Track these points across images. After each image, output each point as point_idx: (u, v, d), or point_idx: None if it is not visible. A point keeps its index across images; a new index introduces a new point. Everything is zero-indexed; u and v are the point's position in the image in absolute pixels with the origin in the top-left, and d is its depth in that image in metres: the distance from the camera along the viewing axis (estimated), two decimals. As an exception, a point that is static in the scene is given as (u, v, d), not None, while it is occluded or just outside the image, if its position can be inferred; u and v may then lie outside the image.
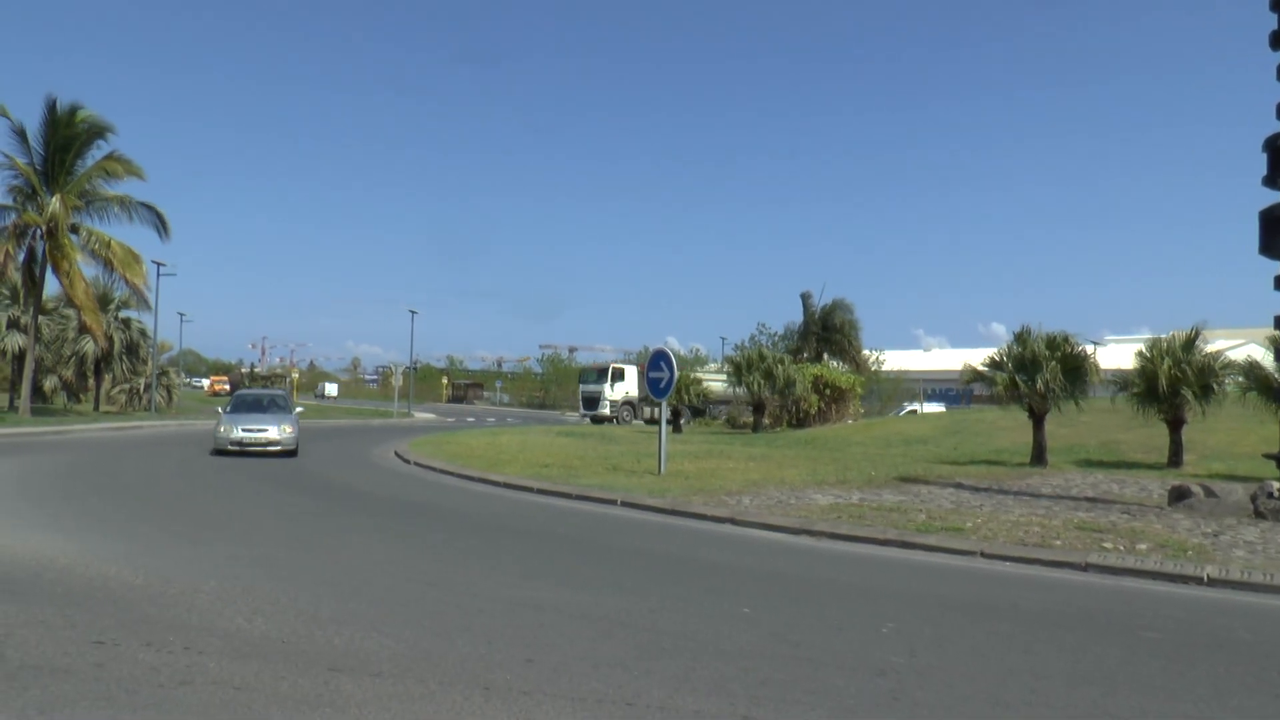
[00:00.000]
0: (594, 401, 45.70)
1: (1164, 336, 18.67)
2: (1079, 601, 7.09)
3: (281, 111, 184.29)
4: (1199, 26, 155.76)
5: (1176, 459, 17.83)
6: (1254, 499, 11.33)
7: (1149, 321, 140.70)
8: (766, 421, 33.54)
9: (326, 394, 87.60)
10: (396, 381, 52.23)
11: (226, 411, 21.17)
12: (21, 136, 30.95)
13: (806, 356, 41.37)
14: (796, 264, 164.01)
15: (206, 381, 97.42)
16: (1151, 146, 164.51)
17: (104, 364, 42.44)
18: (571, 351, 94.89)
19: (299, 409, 23.75)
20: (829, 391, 35.09)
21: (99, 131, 32.15)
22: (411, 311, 56.51)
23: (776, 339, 44.49)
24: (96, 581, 6.92)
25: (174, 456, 19.59)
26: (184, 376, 72.11)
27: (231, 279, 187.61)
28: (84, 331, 37.96)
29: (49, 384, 44.46)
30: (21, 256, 32.11)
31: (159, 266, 41.23)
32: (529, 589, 7.15)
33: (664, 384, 16.76)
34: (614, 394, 45.15)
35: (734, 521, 11.04)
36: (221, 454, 19.60)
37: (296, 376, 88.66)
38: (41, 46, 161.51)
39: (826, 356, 42.42)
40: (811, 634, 5.91)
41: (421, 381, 79.74)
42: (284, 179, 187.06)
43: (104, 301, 39.03)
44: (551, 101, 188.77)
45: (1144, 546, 8.95)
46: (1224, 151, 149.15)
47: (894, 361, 50.78)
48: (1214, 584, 7.63)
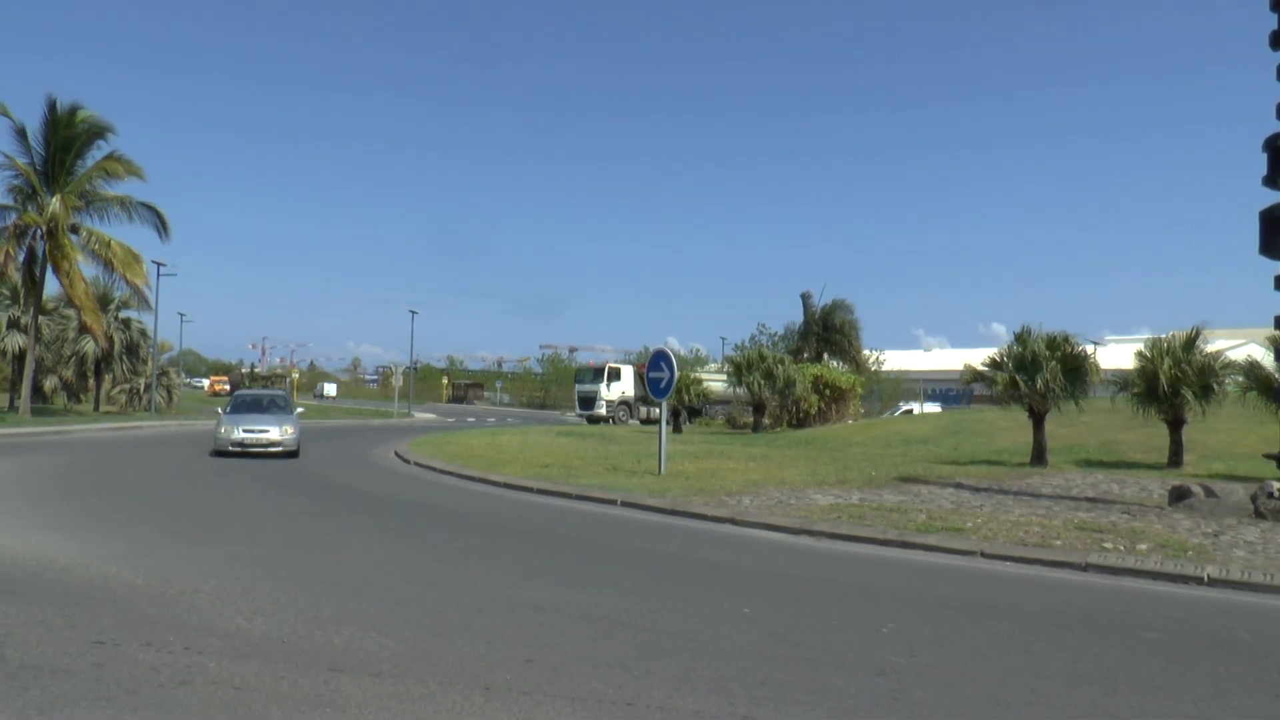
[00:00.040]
0: (590, 401, 45.70)
1: (1164, 336, 18.66)
2: (1079, 601, 7.10)
3: (281, 111, 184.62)
4: (1199, 26, 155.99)
5: (1177, 459, 17.82)
6: (1254, 499, 11.33)
7: (1149, 321, 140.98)
8: (766, 422, 33.55)
9: (325, 394, 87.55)
10: (397, 382, 52.24)
11: (226, 412, 20.83)
12: (22, 136, 30.99)
13: (807, 357, 41.38)
14: (796, 264, 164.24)
15: (206, 382, 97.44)
16: (1151, 146, 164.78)
17: (104, 364, 42.46)
18: (572, 351, 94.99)
19: (300, 409, 23.42)
20: (829, 392, 35.09)
21: (99, 132, 32.18)
22: (412, 312, 56.55)
23: (777, 339, 44.48)
24: (97, 581, 6.93)
25: (174, 457, 19.60)
26: (184, 377, 72.14)
27: (231, 279, 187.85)
28: (84, 331, 38.01)
29: (49, 384, 44.48)
30: (22, 257, 32.15)
31: (159, 266, 41.29)
32: (529, 589, 7.15)
33: (664, 384, 16.76)
34: (610, 394, 45.16)
35: (734, 521, 11.05)
36: (222, 455, 19.40)
37: (297, 377, 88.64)
38: (42, 47, 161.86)
39: (827, 357, 42.42)
40: (811, 634, 5.91)
41: (422, 382, 79.74)
42: (284, 179, 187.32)
43: (104, 302, 39.06)
44: (551, 101, 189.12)
45: (1144, 546, 8.95)
46: (1224, 151, 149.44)
47: (894, 361, 50.74)
48: (1214, 584, 7.63)
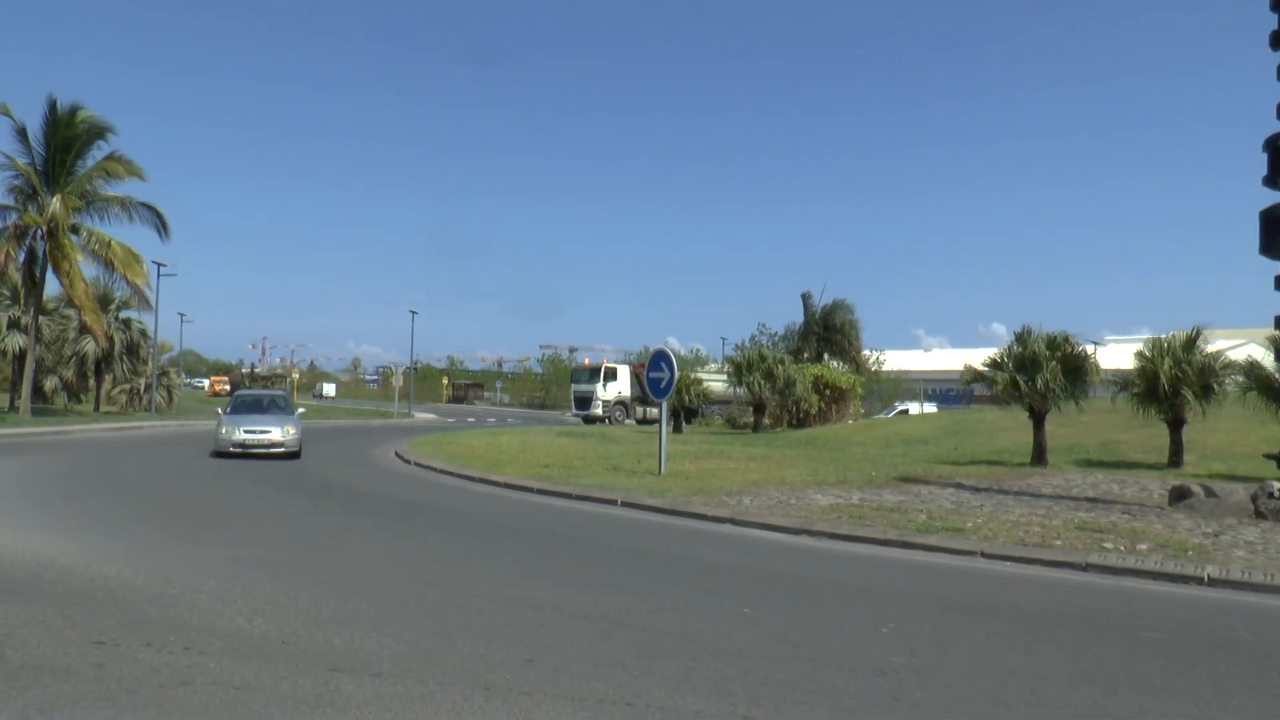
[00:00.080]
0: (586, 401, 45.58)
1: (1164, 336, 18.66)
2: (1079, 601, 7.10)
3: (281, 111, 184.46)
4: (1199, 27, 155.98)
5: (1177, 459, 17.82)
6: (1254, 499, 11.33)
7: (1149, 322, 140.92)
8: (767, 422, 33.55)
9: (324, 394, 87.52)
10: (397, 382, 52.22)
11: (226, 412, 20.51)
12: (23, 136, 31.00)
13: (807, 357, 41.40)
14: (797, 264, 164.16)
15: (207, 382, 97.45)
16: (1151, 146, 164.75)
17: (104, 364, 42.47)
18: (572, 351, 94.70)
19: (301, 409, 23.12)
20: (829, 392, 35.10)
21: (99, 132, 32.19)
22: (412, 312, 56.53)
23: (777, 339, 44.48)
24: (97, 582, 6.93)
25: (174, 457, 19.59)
26: (184, 377, 72.15)
27: (232, 279, 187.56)
28: (84, 332, 38.03)
29: (49, 384, 44.51)
30: (22, 257, 32.16)
31: (159, 266, 41.28)
32: (529, 589, 7.15)
33: (664, 384, 16.76)
34: (606, 394, 45.07)
35: (734, 521, 11.04)
36: (222, 456, 19.18)
37: (297, 377, 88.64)
38: (43, 47, 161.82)
39: (827, 357, 42.44)
40: (812, 634, 5.91)
41: (422, 382, 79.73)
42: (284, 179, 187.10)
43: (104, 302, 39.08)
44: (551, 101, 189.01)
45: (1144, 546, 8.95)
46: (1224, 152, 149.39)
47: (894, 362, 50.74)
48: (1214, 584, 7.63)
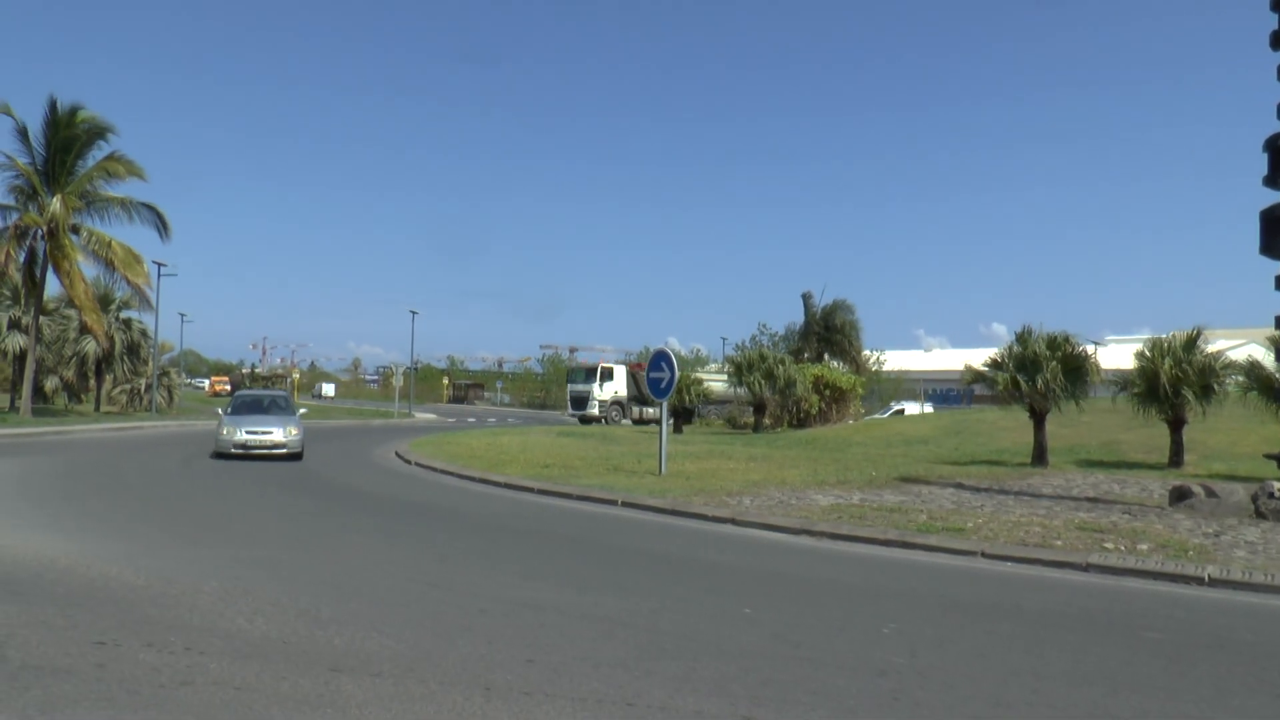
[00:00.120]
0: (583, 401, 45.44)
1: (1165, 336, 18.66)
2: (1080, 602, 7.09)
3: (282, 112, 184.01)
4: (1199, 28, 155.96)
5: (1177, 459, 17.82)
6: (1255, 499, 11.33)
7: (1150, 322, 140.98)
8: (767, 422, 33.55)
9: (323, 394, 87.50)
10: (397, 382, 52.25)
11: (227, 413, 20.15)
12: (24, 136, 31.01)
13: (807, 357, 41.42)
14: (797, 264, 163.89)
15: (207, 382, 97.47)
16: (1151, 147, 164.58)
17: (105, 364, 42.47)
18: (572, 352, 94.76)
19: (302, 410, 22.84)
20: (829, 392, 35.10)
21: (100, 132, 32.20)
22: (412, 312, 56.57)
23: (777, 339, 44.51)
24: (98, 582, 6.93)
25: (175, 457, 19.58)
26: (185, 377, 72.12)
27: (232, 280, 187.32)
28: (85, 332, 38.05)
29: (50, 384, 44.50)
30: (22, 257, 32.17)
31: (160, 267, 41.27)
32: (530, 589, 7.15)
33: (665, 384, 16.76)
34: (603, 394, 44.93)
35: (735, 522, 11.04)
36: (223, 458, 18.85)
37: (297, 377, 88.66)
38: (44, 49, 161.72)
39: (827, 357, 42.46)
40: (812, 634, 5.91)
41: (422, 382, 79.75)
42: (284, 179, 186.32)
43: (105, 302, 39.09)
44: (552, 102, 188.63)
45: (1145, 547, 8.95)
46: (1224, 152, 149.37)
47: (895, 362, 50.76)
48: (1215, 584, 7.62)
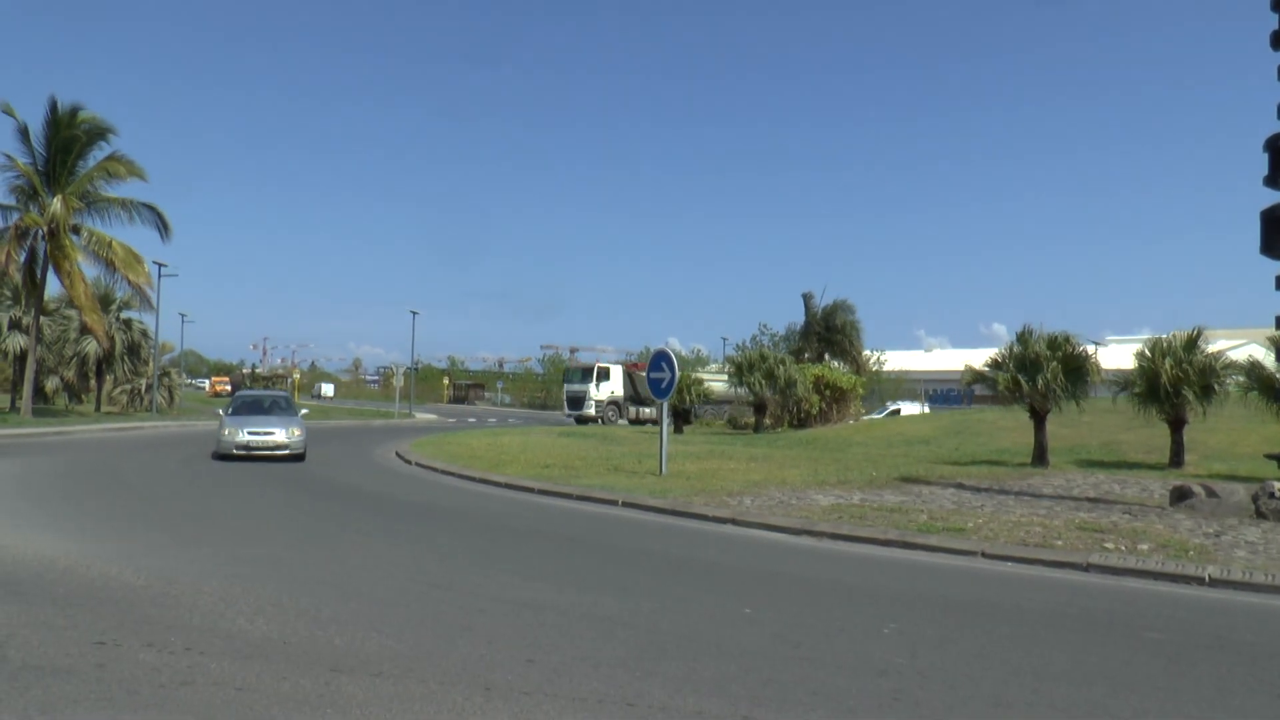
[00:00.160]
0: (579, 401, 45.33)
1: (1165, 336, 18.64)
2: (1081, 602, 7.09)
3: (282, 111, 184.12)
4: (1199, 30, 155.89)
5: (1178, 459, 17.81)
6: (1255, 499, 11.32)
7: (1150, 322, 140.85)
8: (768, 422, 33.55)
9: (322, 394, 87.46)
10: (398, 382, 52.24)
11: (228, 414, 19.79)
12: (24, 136, 31.02)
13: (808, 357, 41.42)
14: (798, 265, 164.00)
15: (208, 382, 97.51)
16: (1152, 147, 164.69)
17: (105, 365, 42.47)
18: (573, 352, 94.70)
19: (304, 410, 22.55)
20: (830, 392, 35.10)
21: (100, 132, 32.20)
22: (413, 312, 56.69)
23: (778, 339, 44.51)
24: (98, 582, 6.93)
25: (176, 457, 19.59)
26: (185, 377, 72.16)
27: (233, 280, 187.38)
28: (85, 332, 38.05)
29: (50, 385, 44.50)
30: (23, 257, 32.17)
31: (160, 267, 41.30)
32: (530, 589, 7.15)
33: (665, 384, 16.77)
34: (599, 394, 44.84)
35: (735, 522, 11.04)
36: (225, 459, 18.53)
37: (298, 377, 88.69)
38: (44, 50, 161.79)
39: (828, 357, 42.46)
40: (813, 634, 5.91)
41: (422, 382, 79.76)
42: (285, 180, 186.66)
43: (105, 302, 39.09)
44: (552, 103, 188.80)
45: (1145, 547, 8.95)
46: (1225, 152, 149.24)
47: (895, 362, 50.75)
48: (1216, 584, 7.62)
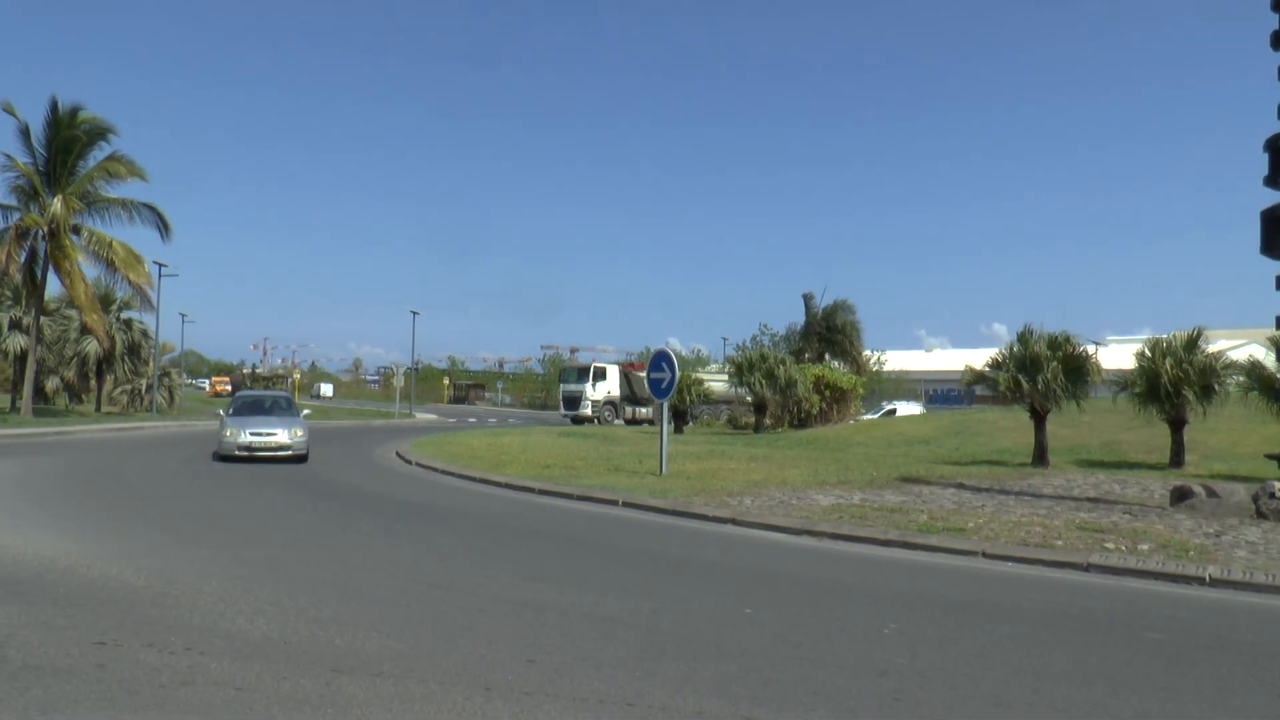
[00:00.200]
0: (575, 401, 45.18)
1: (1165, 336, 18.63)
2: (1081, 602, 7.09)
3: (282, 111, 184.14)
4: (1200, 29, 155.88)
5: (1178, 459, 17.81)
6: (1256, 499, 11.32)
7: (1151, 322, 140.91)
8: (768, 422, 33.54)
9: (321, 394, 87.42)
10: (398, 382, 52.22)
11: (229, 414, 19.52)
12: (25, 136, 31.02)
13: (809, 357, 41.40)
14: (799, 265, 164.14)
15: (208, 382, 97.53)
16: (1152, 147, 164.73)
17: (106, 365, 42.46)
18: (573, 352, 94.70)
19: (306, 411, 22.13)
20: (830, 392, 35.09)
21: (100, 132, 32.19)
22: (413, 312, 56.68)
23: (778, 339, 44.51)
24: (98, 582, 6.94)
25: (176, 457, 19.59)
26: (186, 377, 72.16)
27: (233, 280, 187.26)
28: (86, 332, 38.04)
29: (51, 385, 44.49)
30: (23, 257, 32.15)
31: (160, 267, 41.28)
32: (530, 589, 7.15)
33: (665, 384, 16.77)
34: (595, 394, 44.71)
35: (735, 522, 11.04)
36: (227, 460, 18.26)
37: (298, 377, 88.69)
38: (44, 50, 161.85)
39: (828, 357, 42.45)
40: (813, 634, 5.90)
41: (423, 382, 79.74)
42: (286, 180, 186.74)
43: (106, 302, 39.07)
44: (553, 103, 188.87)
45: (1146, 547, 8.95)
46: (1225, 152, 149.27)
47: (895, 362, 50.78)
48: (1216, 584, 7.62)
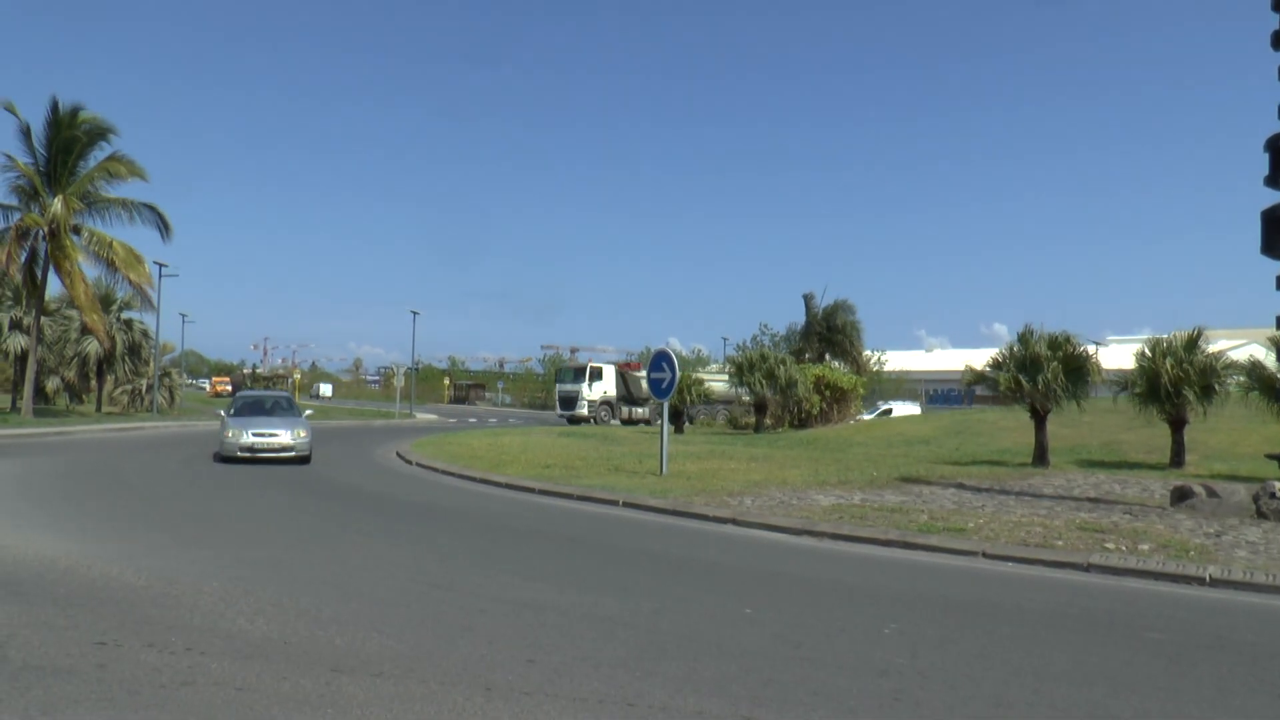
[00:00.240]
0: (571, 401, 45.06)
1: (1166, 336, 18.62)
2: (1081, 602, 7.09)
3: (283, 111, 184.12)
4: (1200, 29, 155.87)
5: (1178, 459, 17.80)
6: (1256, 499, 11.32)
7: (1151, 322, 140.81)
8: (768, 422, 33.53)
9: (320, 394, 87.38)
10: (398, 382, 52.22)
11: (231, 415, 19.32)
12: (26, 135, 31.00)
13: (809, 357, 41.39)
14: (799, 265, 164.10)
15: (208, 382, 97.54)
16: (1152, 147, 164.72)
17: (106, 365, 42.44)
18: (574, 352, 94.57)
19: (308, 411, 21.89)
20: (830, 392, 35.08)
21: (101, 133, 32.18)
22: (413, 312, 56.69)
23: (779, 340, 44.51)
24: (99, 582, 6.94)
25: (176, 458, 19.59)
26: (186, 377, 72.16)
27: (234, 280, 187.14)
28: (86, 332, 38.03)
29: (51, 385, 44.49)
30: (24, 257, 32.14)
31: (161, 267, 41.27)
32: (530, 589, 7.15)
33: (666, 384, 16.78)
34: (591, 394, 44.60)
35: (736, 522, 11.04)
36: (229, 461, 18.06)
37: (298, 377, 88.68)
38: (44, 51, 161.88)
39: (828, 357, 42.45)
40: (813, 634, 5.90)
41: (423, 382, 79.73)
42: (286, 180, 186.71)
43: (106, 302, 39.05)
44: (553, 103, 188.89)
45: (1146, 547, 8.94)
46: (1225, 152, 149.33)
47: (896, 362, 50.76)
48: (1216, 584, 7.62)
